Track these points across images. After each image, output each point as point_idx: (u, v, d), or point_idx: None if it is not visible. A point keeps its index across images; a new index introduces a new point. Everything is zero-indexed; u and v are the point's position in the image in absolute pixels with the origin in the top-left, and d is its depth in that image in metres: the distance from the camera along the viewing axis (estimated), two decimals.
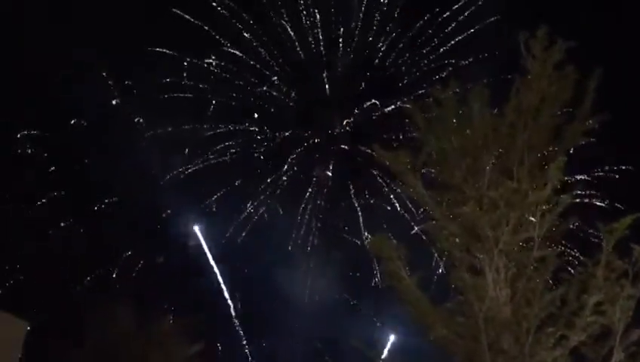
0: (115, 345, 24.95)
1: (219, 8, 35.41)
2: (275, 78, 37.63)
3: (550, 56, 13.02)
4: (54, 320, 25.64)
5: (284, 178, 37.74)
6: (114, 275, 33.03)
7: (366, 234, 36.62)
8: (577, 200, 12.60)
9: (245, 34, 36.46)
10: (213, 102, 35.88)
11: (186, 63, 35.30)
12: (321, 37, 37.33)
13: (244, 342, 34.62)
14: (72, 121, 32.99)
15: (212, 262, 35.79)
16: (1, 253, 26.72)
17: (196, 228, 35.48)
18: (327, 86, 37.91)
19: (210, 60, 35.78)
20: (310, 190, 38.09)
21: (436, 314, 12.59)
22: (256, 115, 37.33)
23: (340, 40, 37.87)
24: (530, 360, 11.56)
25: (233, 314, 34.78)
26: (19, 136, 30.42)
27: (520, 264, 12.31)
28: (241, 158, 37.04)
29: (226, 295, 35.58)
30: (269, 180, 37.68)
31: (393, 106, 36.50)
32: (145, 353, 25.15)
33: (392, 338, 33.13)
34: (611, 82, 13.44)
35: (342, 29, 37.77)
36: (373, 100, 37.80)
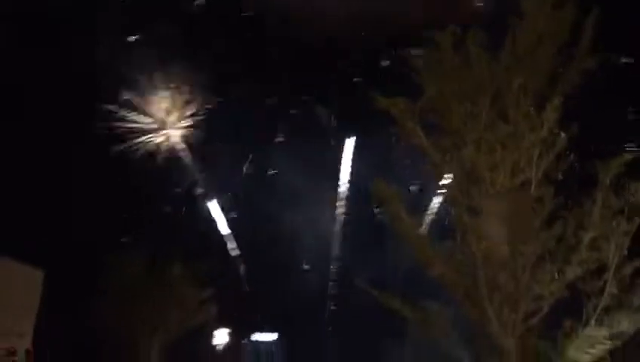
0: (128, 290, 25.67)
1: None
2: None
3: None
4: (68, 267, 26.27)
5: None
6: (125, 223, 33.48)
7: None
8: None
9: None
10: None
11: None
12: None
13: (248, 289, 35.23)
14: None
15: (219, 210, 36.22)
16: (11, 202, 27.15)
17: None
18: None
19: None
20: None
21: (435, 253, 13.04)
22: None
23: None
24: (526, 295, 12.05)
25: (241, 261, 35.34)
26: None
27: (517, 204, 12.63)
28: (243, 103, 36.70)
29: (233, 243, 36.10)
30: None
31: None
32: (158, 297, 25.89)
33: None
34: (610, 22, 13.36)
35: None
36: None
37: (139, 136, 34.54)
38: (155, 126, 35.00)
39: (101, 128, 33.28)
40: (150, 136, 34.89)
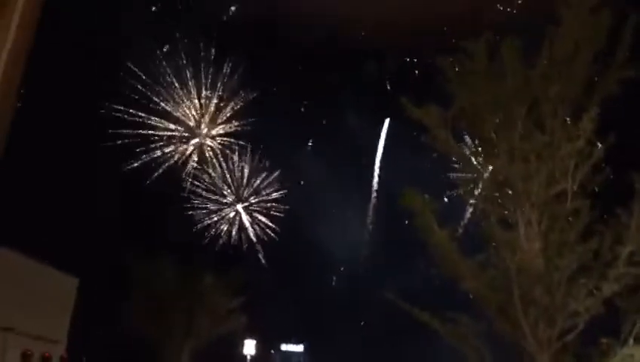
0: (160, 297, 25.94)
1: None
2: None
3: (584, 2, 12.67)
4: (103, 275, 26.73)
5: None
6: (158, 232, 33.94)
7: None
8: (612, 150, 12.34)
9: None
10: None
11: None
12: None
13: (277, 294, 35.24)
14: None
15: (247, 224, 36.44)
16: (50, 213, 27.81)
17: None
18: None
19: None
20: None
21: (467, 266, 12.74)
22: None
23: None
24: (562, 310, 11.67)
25: (267, 269, 35.47)
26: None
27: (553, 216, 12.30)
28: (286, 108, 36.63)
29: (260, 254, 36.26)
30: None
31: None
32: (189, 304, 26.11)
33: None
34: None
35: None
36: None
37: (170, 145, 35.02)
38: (187, 134, 35.55)
39: (133, 137, 33.94)
40: (182, 144, 35.35)
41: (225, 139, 35.53)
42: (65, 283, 20.57)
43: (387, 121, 36.13)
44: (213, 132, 35.48)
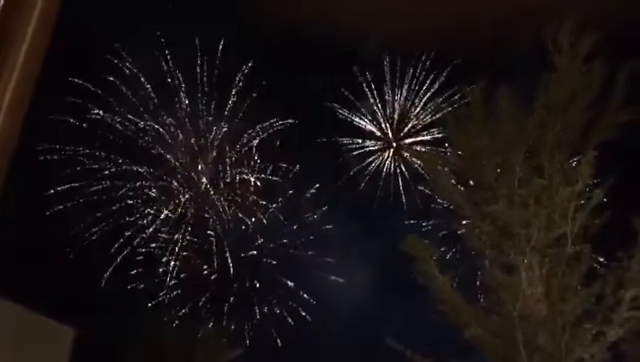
0: (159, 346, 25.57)
1: None
2: None
3: (578, 50, 12.97)
4: (100, 324, 26.38)
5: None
6: (156, 281, 33.65)
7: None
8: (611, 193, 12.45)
9: None
10: None
11: None
12: None
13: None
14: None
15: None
16: (44, 260, 27.65)
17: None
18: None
19: None
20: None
21: (470, 313, 12.66)
22: None
23: None
24: (567, 357, 11.54)
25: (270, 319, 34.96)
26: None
27: (554, 261, 12.30)
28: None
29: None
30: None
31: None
32: (188, 355, 25.72)
33: None
34: None
35: None
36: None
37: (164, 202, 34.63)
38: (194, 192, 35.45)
39: (133, 190, 33.86)
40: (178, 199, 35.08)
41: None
42: (59, 333, 20.24)
43: (387, 162, 36.18)
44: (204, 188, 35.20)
